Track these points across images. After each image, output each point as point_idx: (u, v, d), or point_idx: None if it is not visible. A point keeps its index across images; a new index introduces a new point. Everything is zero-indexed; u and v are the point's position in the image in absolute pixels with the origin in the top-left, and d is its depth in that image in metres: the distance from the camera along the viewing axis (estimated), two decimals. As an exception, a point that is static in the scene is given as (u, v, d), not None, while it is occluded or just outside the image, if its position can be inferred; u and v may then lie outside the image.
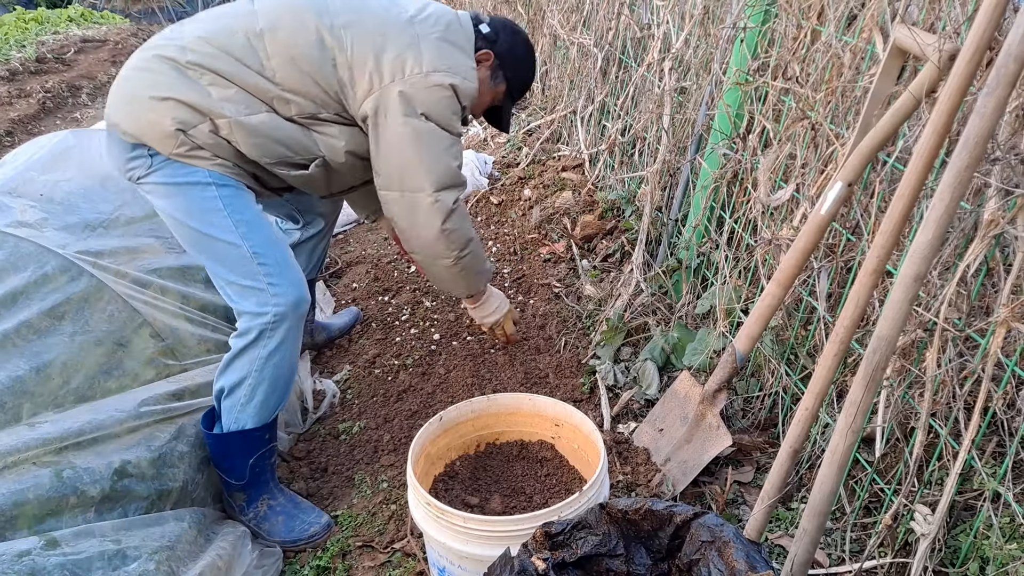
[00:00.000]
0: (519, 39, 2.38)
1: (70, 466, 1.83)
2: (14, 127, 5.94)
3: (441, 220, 2.16)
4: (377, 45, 2.04)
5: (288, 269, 2.09)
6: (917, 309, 1.69)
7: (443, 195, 2.15)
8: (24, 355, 1.97)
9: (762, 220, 2.31)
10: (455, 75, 2.09)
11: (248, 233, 2.04)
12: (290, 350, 2.10)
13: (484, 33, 2.28)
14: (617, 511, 1.44)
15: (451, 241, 2.22)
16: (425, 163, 2.10)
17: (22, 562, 1.63)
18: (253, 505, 2.16)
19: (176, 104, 1.95)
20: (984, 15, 1.33)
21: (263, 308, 2.03)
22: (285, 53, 2.01)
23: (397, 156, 2.10)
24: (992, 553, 1.58)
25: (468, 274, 2.36)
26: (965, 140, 1.34)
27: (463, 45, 2.18)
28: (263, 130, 2.02)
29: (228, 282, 2.06)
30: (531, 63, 2.45)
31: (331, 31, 2.02)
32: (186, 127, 1.96)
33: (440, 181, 2.13)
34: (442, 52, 2.09)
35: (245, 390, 2.06)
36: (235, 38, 2.01)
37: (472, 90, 2.15)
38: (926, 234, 1.39)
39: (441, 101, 2.08)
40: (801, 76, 2.15)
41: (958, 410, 1.62)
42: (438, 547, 1.77)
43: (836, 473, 1.53)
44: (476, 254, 2.34)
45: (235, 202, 2.04)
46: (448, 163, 2.15)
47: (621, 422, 2.48)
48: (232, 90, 1.99)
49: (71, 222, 2.33)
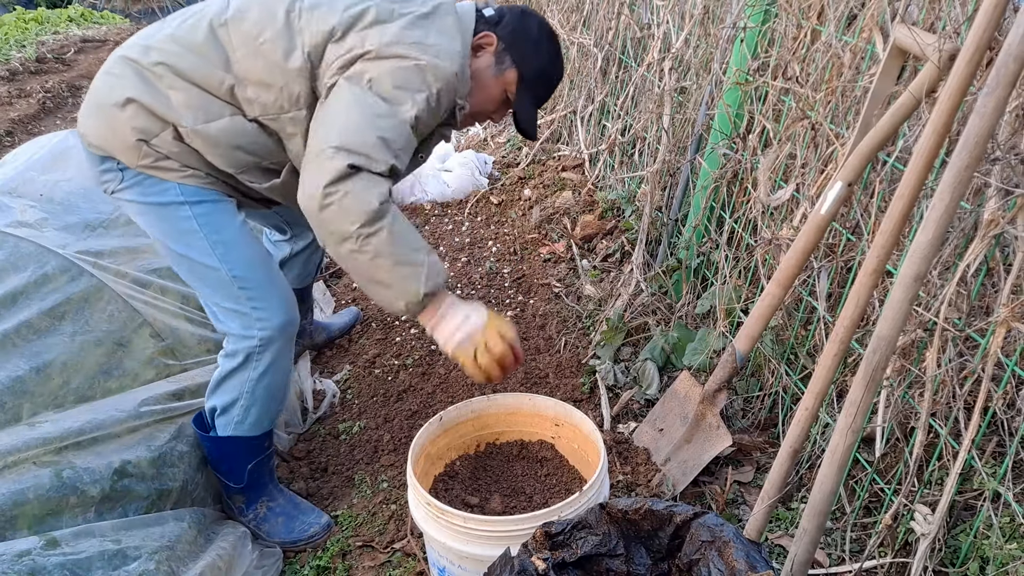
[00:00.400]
0: (530, 20, 2.06)
1: (70, 466, 1.84)
2: (14, 127, 5.94)
3: (329, 179, 1.71)
4: (347, 21, 1.83)
5: (273, 291, 1.99)
6: (917, 309, 1.69)
7: (342, 154, 1.72)
8: (24, 355, 1.98)
9: (762, 220, 2.31)
10: (424, 51, 1.80)
11: (226, 255, 1.92)
12: (281, 369, 2.04)
13: (486, 16, 2.01)
14: (617, 511, 1.44)
15: (345, 209, 1.71)
16: (342, 120, 1.76)
17: (22, 562, 1.63)
18: (252, 507, 2.16)
19: (136, 111, 1.83)
20: (984, 15, 1.33)
21: (248, 331, 1.96)
22: (249, 41, 1.83)
23: (321, 118, 1.81)
24: (992, 553, 1.58)
25: (387, 263, 1.76)
26: (965, 140, 1.33)
27: (449, 29, 1.89)
28: (223, 139, 1.87)
29: (212, 302, 1.99)
30: (549, 48, 2.08)
31: (300, 13, 1.85)
32: (148, 136, 1.84)
33: (344, 139, 1.73)
34: (415, 27, 1.84)
35: (238, 411, 2.03)
36: (199, 31, 1.85)
37: (448, 73, 1.82)
38: (926, 234, 1.39)
39: (393, 71, 1.78)
40: (801, 76, 2.15)
41: (958, 410, 1.62)
42: (438, 547, 1.77)
43: (836, 473, 1.53)
44: (395, 233, 1.76)
45: (212, 221, 1.92)
46: (367, 129, 1.74)
47: (621, 422, 2.48)
48: (192, 93, 1.83)
49: (71, 222, 2.33)
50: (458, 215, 4.12)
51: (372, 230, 1.73)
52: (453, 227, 4.01)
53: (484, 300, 3.26)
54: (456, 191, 4.27)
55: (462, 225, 4.01)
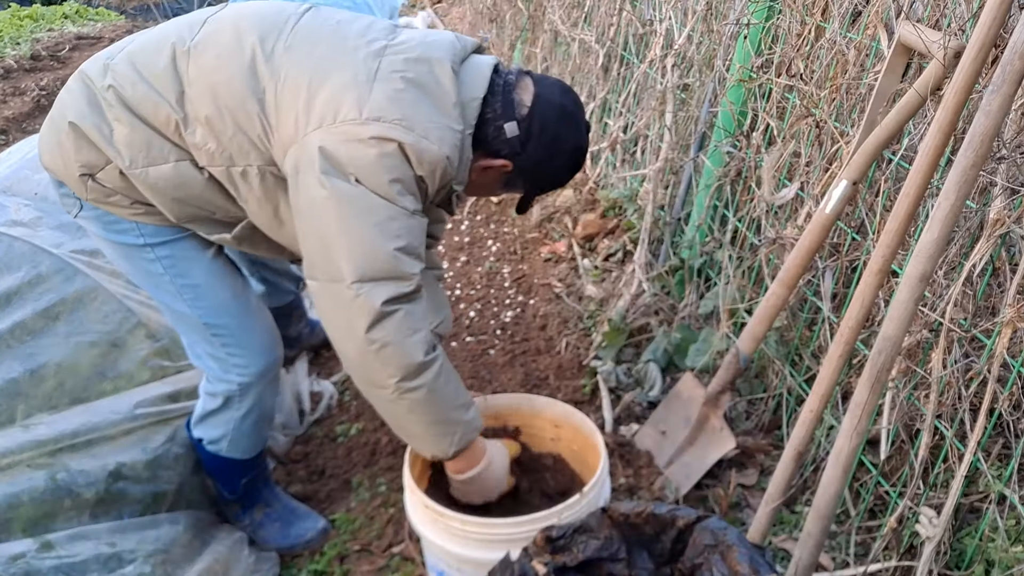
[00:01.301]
0: (561, 149, 1.69)
1: (64, 468, 1.82)
2: (8, 125, 5.92)
3: (366, 325, 1.50)
4: (315, 79, 1.51)
5: (249, 335, 1.86)
6: (922, 309, 1.68)
7: (368, 289, 1.49)
8: (18, 356, 1.96)
9: (766, 219, 2.30)
10: (407, 130, 1.48)
11: (196, 300, 1.78)
12: (267, 404, 1.99)
13: (507, 137, 1.62)
14: (619, 515, 1.43)
15: (383, 361, 1.53)
16: (344, 240, 1.49)
17: (16, 565, 1.63)
18: (248, 512, 2.14)
19: (78, 141, 1.61)
20: (989, 12, 1.33)
21: (227, 376, 1.88)
22: (206, 79, 1.55)
23: (314, 230, 1.53)
24: (998, 556, 1.57)
25: (422, 420, 1.64)
26: (970, 138, 1.33)
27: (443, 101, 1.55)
28: (161, 186, 1.61)
29: (188, 340, 1.90)
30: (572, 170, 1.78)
31: (269, 58, 1.55)
32: (92, 171, 1.63)
33: (363, 269, 1.49)
34: (398, 97, 1.50)
35: (226, 444, 1.99)
36: (160, 57, 1.58)
37: (434, 156, 1.51)
38: (931, 233, 1.38)
39: (377, 160, 1.47)
40: (805, 73, 2.14)
41: (964, 411, 1.61)
42: (436, 551, 1.75)
43: (841, 475, 1.52)
44: (435, 389, 1.60)
45: (177, 264, 1.75)
46: (378, 242, 1.49)
47: (623, 424, 2.46)
48: (136, 128, 1.58)
49: (65, 221, 2.31)
50: (458, 214, 4.11)
51: (412, 385, 1.57)
52: (452, 226, 4.00)
53: (484, 300, 3.25)
54: (456, 190, 4.26)
55: (462, 224, 4.00)
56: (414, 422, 1.65)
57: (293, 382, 2.68)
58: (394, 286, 1.52)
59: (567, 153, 1.71)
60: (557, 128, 1.66)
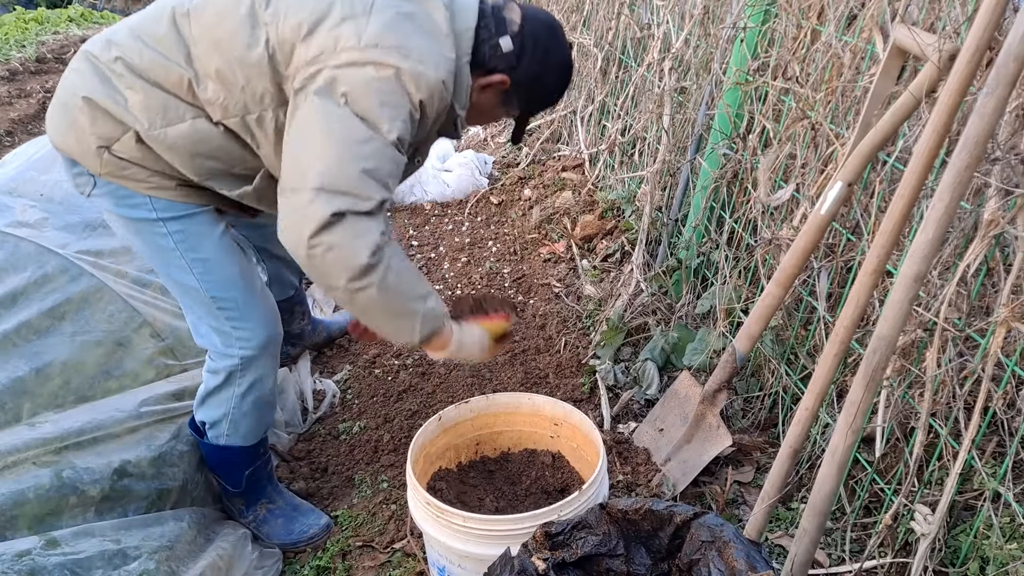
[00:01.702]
0: (552, 62, 1.80)
1: (70, 466, 1.84)
2: (14, 127, 5.92)
3: (312, 229, 1.53)
4: (316, 14, 1.58)
5: (253, 310, 1.90)
6: (917, 309, 1.69)
7: (324, 198, 1.53)
8: (24, 355, 1.98)
9: (762, 220, 2.31)
10: (406, 56, 1.55)
11: (205, 274, 1.83)
12: (266, 384, 2.01)
13: (503, 52, 1.72)
14: (617, 511, 1.44)
15: (330, 263, 1.57)
16: (318, 152, 1.55)
17: (22, 562, 1.64)
18: (252, 508, 2.16)
19: (93, 114, 1.67)
20: (984, 15, 1.33)
21: (229, 350, 1.91)
22: (209, 35, 1.63)
23: (294, 142, 1.60)
24: (992, 553, 1.58)
25: (379, 313, 1.69)
26: (965, 140, 1.33)
27: (437, 29, 1.64)
28: (182, 144, 1.68)
29: (193, 315, 1.93)
30: (562, 87, 1.90)
31: (266, 2, 1.62)
32: (108, 143, 1.68)
33: (325, 179, 1.54)
34: (394, 26, 1.58)
35: (227, 425, 2.01)
36: (161, 23, 1.66)
37: (433, 82, 1.59)
38: (926, 234, 1.39)
39: (373, 83, 1.54)
40: (801, 76, 2.15)
41: (958, 410, 1.62)
42: (438, 547, 1.77)
43: (836, 473, 1.53)
44: (386, 287, 1.63)
45: (188, 238, 1.81)
46: (347, 162, 1.54)
47: (621, 422, 2.48)
48: (150, 93, 1.65)
49: (71, 222, 2.33)
50: (458, 215, 4.12)
51: (360, 285, 1.61)
52: (453, 227, 4.01)
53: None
54: (456, 191, 4.27)
55: (462, 225, 4.01)
56: (373, 316, 1.71)
57: (296, 380, 2.69)
58: (348, 201, 1.55)
59: (557, 68, 1.83)
60: (547, 42, 1.78)
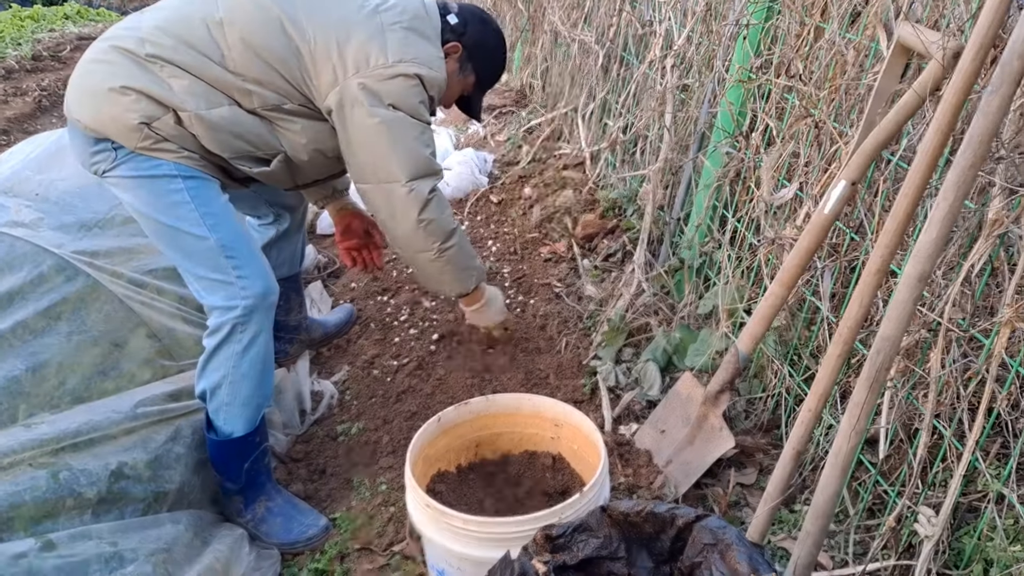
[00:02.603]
0: (489, 29, 2.32)
1: (66, 467, 1.82)
2: (10, 126, 5.92)
3: (418, 210, 2.11)
4: (340, 35, 1.98)
5: (255, 260, 2.07)
6: (921, 309, 1.68)
7: (417, 184, 2.10)
8: (20, 355, 1.97)
9: (765, 219, 2.30)
10: (421, 65, 2.04)
11: (216, 225, 2.00)
12: (264, 342, 2.08)
13: (452, 24, 2.22)
14: (619, 513, 1.43)
15: (430, 232, 2.16)
16: (397, 152, 2.05)
17: (18, 564, 1.63)
18: (251, 507, 2.15)
19: (138, 97, 1.90)
20: (988, 13, 1.33)
21: (232, 302, 2.00)
22: (245, 43, 1.95)
23: (368, 148, 2.06)
24: (996, 555, 1.57)
25: (454, 269, 2.30)
26: (969, 139, 1.33)
27: (429, 35, 2.12)
28: (223, 125, 1.97)
29: (196, 276, 2.03)
30: (501, 53, 2.40)
31: (293, 21, 1.97)
32: (150, 120, 1.91)
33: (414, 170, 2.09)
34: (407, 42, 2.04)
35: (227, 389, 2.04)
36: (193, 28, 1.95)
37: (439, 80, 2.11)
38: (930, 233, 1.38)
39: (407, 90, 2.03)
40: (804, 74, 2.14)
41: (962, 411, 1.61)
42: (437, 549, 1.76)
43: (839, 475, 1.52)
44: (461, 247, 2.28)
45: (202, 194, 2.00)
46: (420, 151, 2.10)
47: (623, 424, 2.47)
48: (192, 82, 1.93)
49: (67, 221, 2.32)
50: (458, 214, 4.11)
51: (448, 245, 2.22)
52: (453, 226, 3.99)
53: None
54: (455, 190, 4.26)
55: (462, 224, 4.00)
56: (448, 271, 2.30)
57: (294, 381, 2.68)
58: (433, 179, 2.16)
59: (494, 33, 2.35)
60: (480, 14, 2.33)
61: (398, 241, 2.23)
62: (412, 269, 2.37)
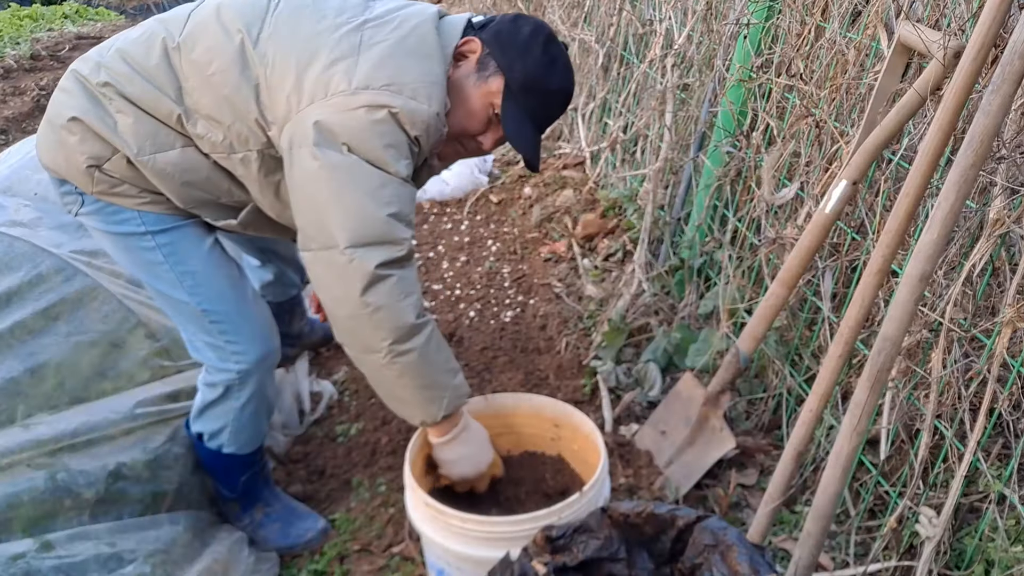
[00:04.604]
0: (522, 23, 1.71)
1: (64, 468, 1.82)
2: (8, 125, 5.91)
3: (359, 288, 1.55)
4: (303, 58, 1.56)
5: (246, 325, 1.87)
6: (922, 309, 1.68)
7: (361, 253, 1.54)
8: (18, 356, 1.96)
9: (766, 219, 2.30)
10: (395, 94, 1.53)
11: (195, 287, 1.79)
12: (265, 396, 2.00)
13: (474, 23, 1.74)
14: (619, 514, 1.43)
15: (376, 324, 1.58)
16: (338, 208, 1.54)
17: (16, 565, 1.63)
18: (248, 512, 2.14)
19: (84, 134, 1.65)
20: (989, 12, 1.33)
21: (225, 364, 1.88)
22: (201, 72, 1.60)
23: (307, 200, 1.58)
24: (997, 556, 1.57)
25: (412, 384, 1.68)
26: (970, 138, 1.32)
27: (430, 53, 1.62)
28: (169, 171, 1.66)
29: (186, 331, 1.91)
30: (543, 52, 1.68)
31: (256, 43, 1.60)
32: (99, 162, 1.66)
33: (357, 234, 1.54)
34: (385, 63, 1.56)
35: (227, 436, 1.99)
36: (152, 54, 1.64)
37: (425, 114, 1.55)
38: (931, 233, 1.38)
39: (370, 127, 1.52)
40: (805, 73, 2.14)
41: (963, 411, 1.61)
42: (437, 549, 1.75)
43: (840, 475, 1.52)
44: (425, 354, 1.65)
45: (177, 251, 1.77)
46: (370, 209, 1.54)
47: (623, 424, 2.46)
48: (140, 119, 1.63)
49: (65, 222, 2.31)
50: (457, 214, 4.11)
51: (404, 348, 1.62)
52: (452, 226, 4.00)
53: (484, 300, 3.24)
54: (455, 189, 4.25)
55: (461, 224, 3.99)
56: (404, 386, 1.69)
57: (293, 382, 2.67)
58: (386, 250, 1.56)
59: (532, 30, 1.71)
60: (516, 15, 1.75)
61: (338, 331, 1.68)
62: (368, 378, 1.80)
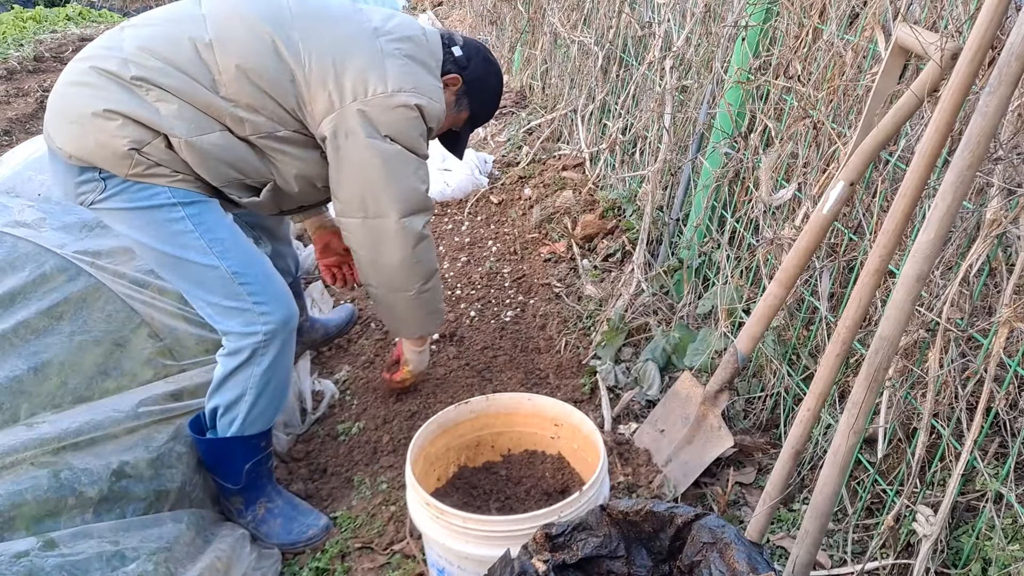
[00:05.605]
0: (491, 69, 2.25)
1: (68, 467, 1.83)
2: (12, 126, 5.91)
3: (410, 247, 2.06)
4: (337, 61, 1.90)
5: (272, 284, 2.00)
6: (919, 309, 1.68)
7: (410, 220, 2.04)
8: (22, 355, 1.97)
9: (764, 219, 2.31)
10: (421, 95, 1.97)
11: (224, 252, 1.92)
12: (284, 364, 2.04)
13: (455, 56, 2.15)
14: (618, 512, 1.44)
15: (415, 272, 2.12)
16: (391, 187, 1.98)
17: (20, 563, 1.63)
18: (251, 508, 2.15)
19: (125, 122, 1.77)
20: (986, 14, 1.33)
21: (251, 328, 1.95)
22: (238, 67, 1.83)
23: (360, 180, 1.97)
24: (994, 554, 1.58)
25: (424, 311, 2.24)
26: (967, 139, 1.33)
27: (429, 64, 2.06)
28: (214, 152, 1.86)
29: (209, 303, 1.95)
30: (498, 95, 2.33)
31: (287, 43, 1.88)
32: (140, 145, 1.79)
33: (407, 206, 2.02)
34: (407, 71, 1.97)
35: (243, 407, 2.01)
36: (181, 50, 1.82)
37: (439, 111, 2.03)
38: (928, 234, 1.39)
39: (407, 122, 1.96)
40: (803, 75, 2.14)
41: (960, 411, 1.61)
42: (437, 548, 1.76)
43: (838, 474, 1.53)
44: (436, 289, 2.23)
45: (205, 220, 1.91)
46: (415, 186, 2.03)
47: (622, 423, 2.47)
48: (181, 106, 1.81)
49: (69, 222, 2.32)
50: (458, 215, 4.12)
51: (428, 287, 2.18)
52: (453, 227, 4.00)
53: (484, 300, 3.26)
54: (456, 190, 4.27)
55: (462, 225, 4.00)
56: (418, 313, 2.24)
57: (295, 381, 2.69)
58: (426, 215, 2.10)
59: (495, 73, 2.28)
60: (485, 53, 2.25)
61: (378, 279, 2.15)
62: (376, 305, 2.28)
